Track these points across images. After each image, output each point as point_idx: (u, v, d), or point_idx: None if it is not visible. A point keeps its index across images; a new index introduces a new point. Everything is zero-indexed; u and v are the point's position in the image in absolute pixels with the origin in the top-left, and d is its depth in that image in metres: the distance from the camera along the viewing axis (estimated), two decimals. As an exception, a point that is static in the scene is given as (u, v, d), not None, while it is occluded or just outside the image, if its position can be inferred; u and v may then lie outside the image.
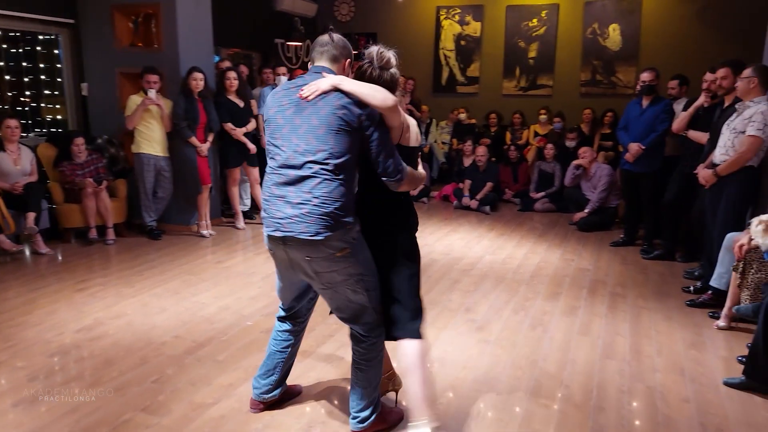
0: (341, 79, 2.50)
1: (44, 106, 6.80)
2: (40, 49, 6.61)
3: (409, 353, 2.62)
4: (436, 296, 4.69)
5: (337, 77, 2.50)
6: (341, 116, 2.43)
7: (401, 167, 2.54)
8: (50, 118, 6.86)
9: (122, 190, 6.39)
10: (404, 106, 8.34)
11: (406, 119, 2.65)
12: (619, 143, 6.99)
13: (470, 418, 2.98)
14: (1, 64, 6.37)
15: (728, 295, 4.12)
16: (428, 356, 3.30)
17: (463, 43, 10.25)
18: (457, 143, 9.47)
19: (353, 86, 2.47)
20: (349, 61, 2.65)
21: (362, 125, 2.46)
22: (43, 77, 6.68)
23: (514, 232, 6.93)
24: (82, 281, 4.91)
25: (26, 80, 6.56)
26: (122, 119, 6.13)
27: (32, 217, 5.51)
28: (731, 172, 4.41)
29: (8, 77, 6.48)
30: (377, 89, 2.48)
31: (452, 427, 2.91)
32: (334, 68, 2.60)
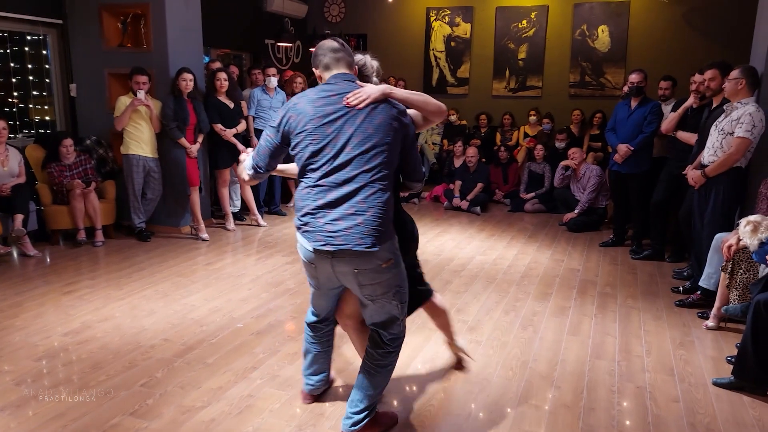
0: (389, 87, 2.50)
1: (32, 107, 6.74)
2: (28, 49, 6.56)
3: (436, 302, 3.26)
4: (426, 297, 4.68)
5: (384, 86, 2.50)
6: (395, 126, 2.44)
7: (424, 172, 2.62)
8: (38, 119, 6.80)
9: (111, 191, 6.34)
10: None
11: None
12: (608, 144, 7.02)
13: (461, 419, 2.98)
14: (-12, 64, 6.33)
15: (717, 295, 4.15)
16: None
17: (453, 44, 10.27)
18: (447, 144, 9.48)
19: (405, 94, 2.52)
20: (356, 67, 2.67)
21: (407, 134, 2.52)
22: (31, 78, 6.63)
23: (504, 232, 6.95)
24: (69, 284, 4.87)
25: (14, 81, 6.50)
26: (111, 120, 6.09)
27: (20, 218, 5.47)
28: (720, 172, 4.44)
29: (-4, 78, 6.44)
30: (428, 97, 2.56)
31: (444, 428, 2.91)
32: (351, 73, 2.58)
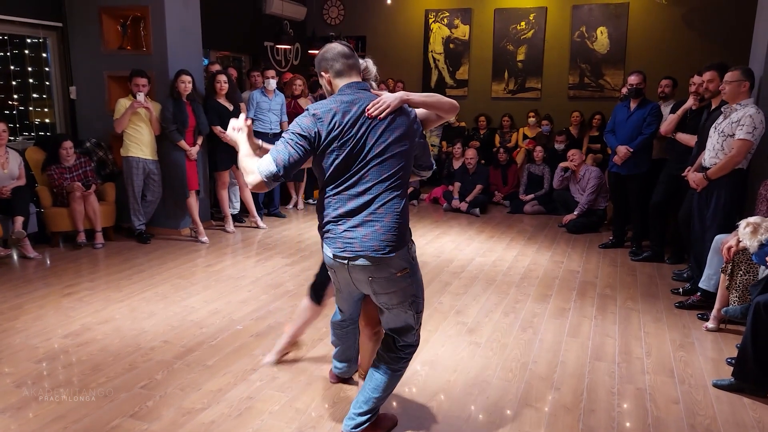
0: (406, 93, 2.52)
1: (32, 109, 6.74)
2: (28, 52, 6.56)
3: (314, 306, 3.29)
4: (426, 299, 4.63)
5: (401, 93, 2.51)
6: (414, 131, 2.50)
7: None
8: (38, 121, 6.80)
9: (111, 193, 6.34)
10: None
11: None
12: (607, 146, 7.02)
13: (461, 420, 2.98)
14: (-12, 67, 6.33)
15: (717, 296, 4.15)
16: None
17: (451, 46, 10.28)
18: (446, 146, 9.49)
19: (421, 98, 2.54)
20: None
21: (418, 142, 2.57)
22: (31, 81, 6.63)
23: (503, 234, 6.95)
24: (69, 286, 4.87)
25: (14, 84, 6.50)
26: (111, 122, 6.10)
27: (20, 221, 5.47)
28: (722, 175, 4.44)
29: (-4, 81, 6.44)
30: (440, 96, 2.59)
31: (443, 430, 2.91)
32: (361, 80, 2.57)
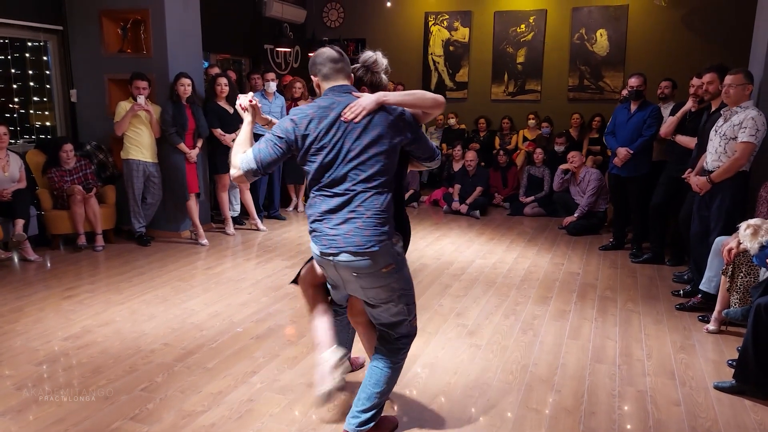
0: (382, 94, 2.52)
1: (33, 112, 6.75)
2: (28, 55, 6.57)
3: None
4: (426, 301, 4.69)
5: (377, 94, 2.52)
6: (392, 134, 2.49)
7: (434, 145, 2.73)
8: (39, 124, 6.81)
9: (111, 196, 6.35)
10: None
11: None
12: (607, 148, 7.02)
13: (462, 423, 2.98)
14: (-12, 70, 6.34)
15: (718, 298, 4.14)
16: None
17: (451, 48, 10.29)
18: (446, 148, 9.49)
19: (398, 98, 2.53)
20: (353, 75, 2.69)
21: (412, 129, 2.56)
22: (31, 84, 6.64)
23: (503, 236, 6.95)
24: (70, 288, 4.87)
25: (15, 87, 6.51)
26: (111, 125, 6.10)
27: (21, 223, 5.47)
28: (725, 178, 4.43)
29: (-4, 84, 6.45)
30: (423, 93, 2.58)
31: (444, 432, 2.91)
32: (348, 83, 2.61)
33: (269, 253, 6.04)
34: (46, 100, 6.72)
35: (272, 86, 7.04)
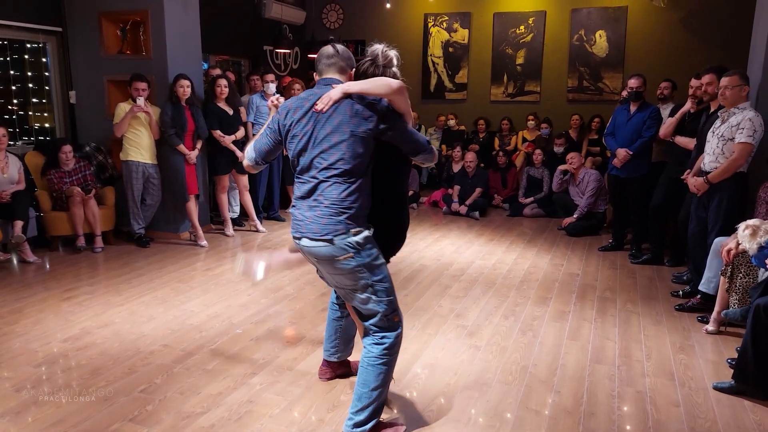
0: (348, 84, 2.60)
1: (32, 114, 6.75)
2: (27, 57, 6.57)
3: None
4: (426, 302, 4.69)
5: (344, 84, 2.61)
6: (355, 123, 2.54)
7: (428, 140, 2.72)
8: (38, 126, 6.81)
9: (110, 197, 6.34)
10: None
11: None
12: (606, 149, 7.03)
13: (461, 424, 2.98)
14: (-13, 72, 6.34)
15: (717, 299, 4.15)
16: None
17: (451, 49, 10.30)
18: (446, 149, 9.50)
19: (359, 86, 2.58)
20: (354, 71, 2.76)
21: (377, 128, 2.58)
22: (30, 85, 6.64)
23: (503, 237, 6.95)
24: (69, 290, 4.87)
25: (14, 88, 6.51)
26: (110, 127, 6.10)
27: (20, 225, 5.47)
28: (723, 179, 4.43)
29: (-5, 85, 6.45)
30: (377, 79, 2.60)
31: (443, 433, 2.91)
32: (342, 79, 2.71)
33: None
34: (45, 101, 6.72)
35: (271, 87, 7.03)
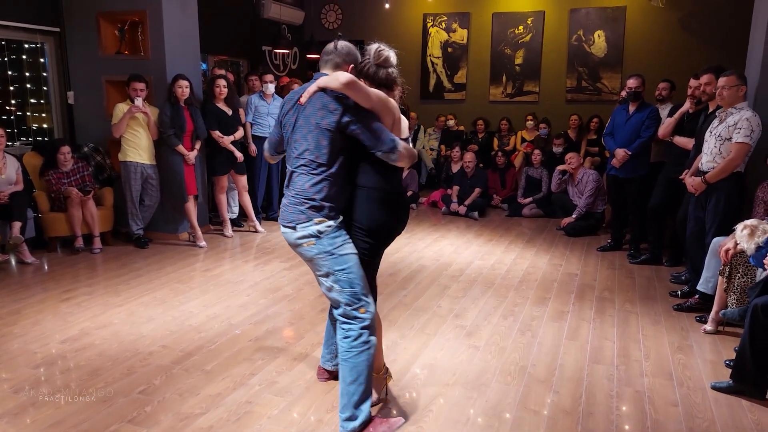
0: (323, 79, 2.65)
1: (30, 114, 6.74)
2: (25, 57, 6.56)
3: None
4: (425, 302, 4.69)
5: (321, 79, 2.66)
6: (321, 116, 2.64)
7: (393, 139, 2.67)
8: (36, 126, 6.80)
9: (109, 198, 6.34)
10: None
11: (398, 113, 2.80)
12: (605, 149, 7.03)
13: (460, 424, 2.98)
14: (-15, 72, 6.33)
15: (715, 299, 4.15)
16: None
17: (450, 50, 10.31)
18: (445, 150, 9.50)
19: (323, 81, 2.64)
20: (352, 66, 2.78)
21: (341, 122, 2.63)
22: (28, 86, 6.63)
23: (502, 237, 6.95)
24: (67, 291, 4.87)
25: (11, 89, 6.50)
26: (108, 127, 6.09)
27: (18, 226, 5.46)
28: (720, 178, 4.44)
29: (-7, 86, 6.45)
30: (335, 73, 2.62)
31: (442, 434, 2.91)
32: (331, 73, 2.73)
33: (268, 255, 6.04)
34: (43, 102, 6.71)
35: (270, 88, 7.04)
